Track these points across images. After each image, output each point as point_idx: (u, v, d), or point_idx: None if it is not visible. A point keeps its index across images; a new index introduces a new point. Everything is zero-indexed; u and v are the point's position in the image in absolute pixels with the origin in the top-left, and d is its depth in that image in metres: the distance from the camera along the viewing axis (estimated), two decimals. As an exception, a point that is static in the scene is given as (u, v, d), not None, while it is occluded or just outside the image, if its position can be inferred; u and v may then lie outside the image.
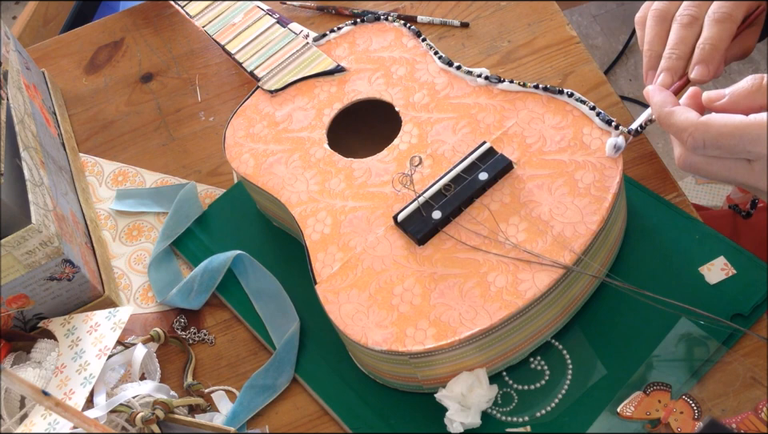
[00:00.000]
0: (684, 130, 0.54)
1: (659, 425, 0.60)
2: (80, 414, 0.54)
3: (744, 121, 0.51)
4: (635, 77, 1.78)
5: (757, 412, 0.59)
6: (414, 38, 0.76)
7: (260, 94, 0.76)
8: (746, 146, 0.51)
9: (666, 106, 0.56)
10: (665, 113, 0.56)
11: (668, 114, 0.56)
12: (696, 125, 0.53)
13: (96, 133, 0.90)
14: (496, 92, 0.70)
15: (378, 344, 0.60)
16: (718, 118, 0.52)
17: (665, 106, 0.56)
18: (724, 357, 0.62)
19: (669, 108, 0.56)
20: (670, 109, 0.56)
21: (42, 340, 0.71)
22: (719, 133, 0.52)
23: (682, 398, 0.61)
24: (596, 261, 0.62)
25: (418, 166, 0.68)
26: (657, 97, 0.57)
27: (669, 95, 0.57)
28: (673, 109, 0.56)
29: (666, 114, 0.56)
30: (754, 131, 0.51)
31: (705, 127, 0.53)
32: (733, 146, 0.52)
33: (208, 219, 0.79)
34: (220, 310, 0.75)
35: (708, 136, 0.52)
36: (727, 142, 0.52)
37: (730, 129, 0.51)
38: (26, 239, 0.65)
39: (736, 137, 0.51)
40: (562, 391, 0.63)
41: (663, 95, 0.57)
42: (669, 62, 0.61)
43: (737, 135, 0.51)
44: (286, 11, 0.93)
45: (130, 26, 0.98)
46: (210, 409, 0.69)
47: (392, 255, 0.63)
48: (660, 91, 0.58)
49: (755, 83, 0.54)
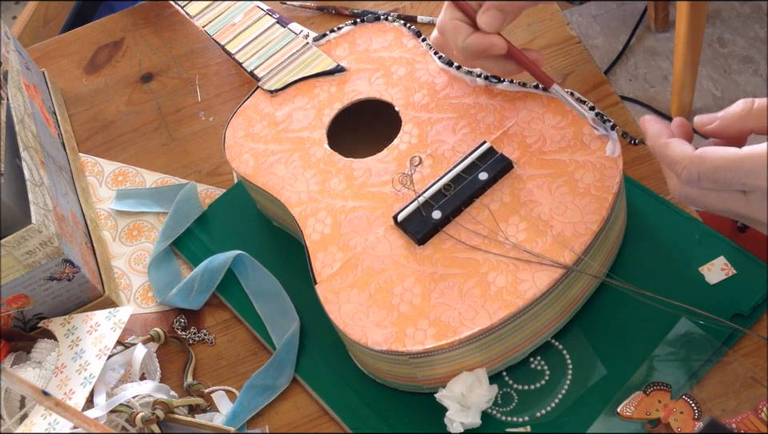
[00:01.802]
0: (679, 163, 0.54)
1: (659, 425, 0.60)
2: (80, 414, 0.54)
3: (739, 154, 0.51)
4: (635, 77, 1.78)
5: (757, 412, 0.59)
6: (413, 37, 0.76)
7: (260, 94, 0.76)
8: (742, 178, 0.51)
9: (660, 138, 0.56)
10: (660, 145, 0.56)
11: (663, 145, 0.56)
12: (691, 158, 0.53)
13: (96, 133, 0.90)
14: (496, 92, 0.70)
15: (377, 344, 0.60)
16: (712, 152, 0.52)
17: (660, 138, 0.56)
18: (724, 357, 0.62)
19: (664, 140, 0.56)
20: (665, 141, 0.56)
21: (41, 340, 0.71)
22: (714, 166, 0.52)
23: (681, 398, 0.61)
24: (596, 261, 0.62)
25: (417, 166, 0.68)
26: (652, 128, 0.57)
27: (664, 126, 0.57)
28: (668, 141, 0.56)
29: (660, 145, 0.56)
30: (749, 164, 0.51)
31: (700, 161, 0.52)
32: (728, 180, 0.52)
33: (208, 218, 0.79)
34: (220, 310, 0.75)
35: (703, 169, 0.52)
36: (722, 176, 0.52)
37: (725, 162, 0.51)
38: (26, 239, 0.65)
39: (731, 170, 0.51)
40: (562, 391, 0.63)
41: (658, 126, 0.57)
42: None
43: (732, 168, 0.51)
44: (286, 11, 0.93)
45: (130, 26, 0.98)
46: (210, 409, 0.69)
47: (392, 254, 0.63)
48: (656, 122, 0.57)
49: (746, 107, 0.54)
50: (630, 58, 1.81)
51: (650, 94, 1.75)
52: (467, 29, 0.65)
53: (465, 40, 0.64)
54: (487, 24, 0.64)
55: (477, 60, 0.66)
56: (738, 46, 1.77)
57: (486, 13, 0.64)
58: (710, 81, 1.74)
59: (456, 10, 0.66)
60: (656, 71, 1.78)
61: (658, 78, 1.77)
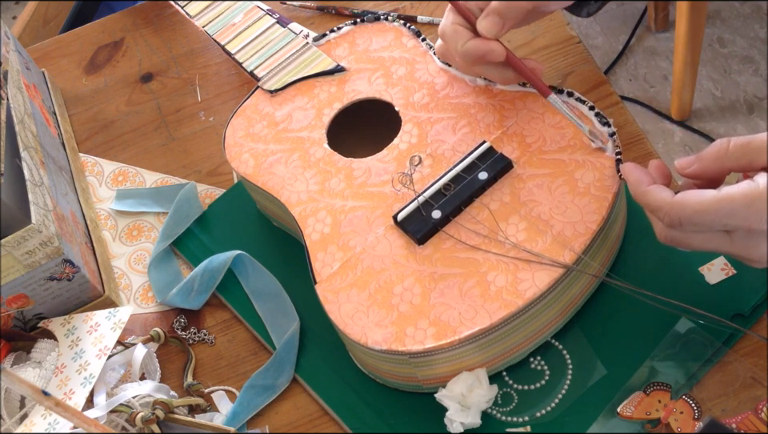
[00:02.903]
0: (659, 210, 0.55)
1: (659, 425, 0.60)
2: (80, 414, 0.54)
3: (717, 197, 0.52)
4: (635, 77, 1.78)
5: (757, 412, 0.59)
6: (413, 37, 0.76)
7: (260, 94, 0.76)
8: (722, 220, 0.52)
9: (640, 186, 0.57)
10: (640, 192, 0.57)
11: (643, 193, 0.56)
12: (671, 204, 0.54)
13: (96, 133, 0.90)
14: (496, 92, 0.70)
15: (377, 344, 0.60)
16: (691, 197, 0.53)
17: (639, 186, 0.57)
18: (724, 357, 0.62)
19: (644, 188, 0.57)
20: (645, 189, 0.57)
21: (42, 340, 0.71)
22: (694, 211, 0.53)
23: (681, 398, 0.61)
24: (596, 260, 0.62)
25: (417, 165, 0.68)
26: (632, 176, 0.58)
27: (644, 174, 0.58)
28: (647, 189, 0.56)
29: (641, 193, 0.57)
30: (727, 206, 0.51)
31: (680, 206, 0.53)
32: (709, 222, 0.52)
33: (208, 218, 0.79)
34: (220, 310, 0.75)
35: (684, 214, 0.53)
36: (703, 219, 0.52)
37: (704, 206, 0.52)
38: (26, 239, 0.65)
39: (711, 213, 0.52)
40: (562, 391, 0.63)
41: (638, 174, 0.58)
42: None
43: (711, 211, 0.52)
44: (286, 11, 0.93)
45: (130, 26, 0.98)
46: (210, 409, 0.69)
47: (392, 254, 0.63)
48: (635, 170, 0.58)
49: (721, 148, 0.54)
50: (630, 58, 1.81)
51: (649, 94, 1.75)
52: (467, 34, 0.65)
53: (464, 45, 0.64)
54: (486, 30, 0.64)
55: (476, 66, 0.66)
56: (737, 46, 1.77)
57: (485, 18, 0.64)
58: (709, 81, 1.74)
59: (457, 15, 0.66)
60: (656, 71, 1.78)
61: (658, 78, 1.77)
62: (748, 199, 0.51)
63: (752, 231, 0.52)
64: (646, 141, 0.76)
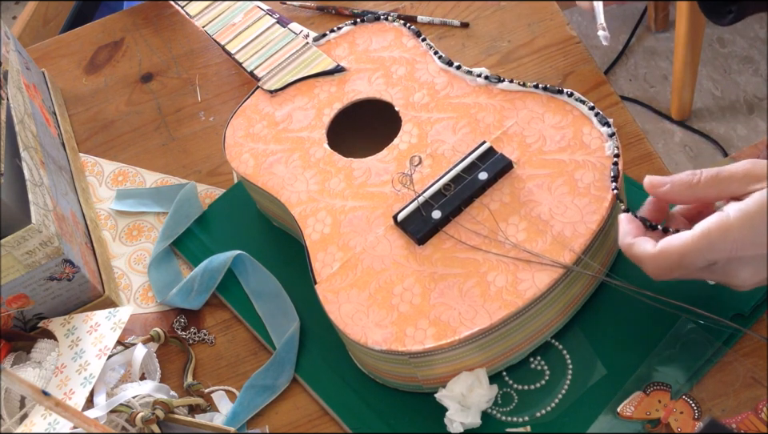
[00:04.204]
0: (643, 262, 0.56)
1: (659, 425, 0.60)
2: (80, 414, 0.54)
3: (695, 236, 0.53)
4: (635, 77, 1.78)
5: (757, 412, 0.59)
6: (413, 37, 0.76)
7: (260, 94, 0.76)
8: (705, 256, 0.53)
9: (626, 238, 0.58)
10: (625, 244, 0.58)
11: (628, 246, 0.58)
12: (654, 256, 0.55)
13: (96, 133, 0.90)
14: (496, 92, 0.70)
15: (377, 344, 0.60)
16: (671, 245, 0.54)
17: (625, 238, 0.58)
18: (724, 357, 0.62)
19: (629, 240, 0.58)
20: (630, 241, 0.57)
21: (42, 340, 0.71)
22: (678, 255, 0.54)
23: (681, 398, 0.61)
24: (596, 261, 0.62)
25: (417, 165, 0.68)
26: (621, 228, 0.59)
27: (634, 228, 0.58)
28: (632, 241, 0.57)
29: (626, 245, 0.58)
30: (705, 242, 0.53)
31: (662, 256, 0.55)
32: (694, 262, 0.54)
33: (208, 218, 0.79)
34: (220, 310, 0.75)
35: (668, 263, 0.54)
36: (688, 261, 0.54)
37: (685, 250, 0.53)
38: (26, 239, 0.65)
39: (694, 252, 0.53)
40: (562, 391, 0.63)
41: (627, 227, 0.58)
42: None
43: (695, 251, 0.53)
44: (286, 11, 0.93)
45: (130, 26, 0.98)
46: (210, 409, 0.69)
47: (392, 254, 0.63)
48: (626, 222, 0.59)
49: (693, 179, 0.56)
50: (630, 58, 1.81)
51: (649, 94, 1.75)
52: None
53: None
54: None
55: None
56: (737, 46, 1.77)
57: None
58: (709, 81, 1.74)
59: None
60: (656, 71, 1.78)
61: (658, 78, 1.77)
62: (722, 231, 0.52)
63: (730, 259, 0.53)
64: (645, 141, 0.76)
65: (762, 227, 0.52)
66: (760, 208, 0.52)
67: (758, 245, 0.52)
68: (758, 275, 0.54)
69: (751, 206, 0.52)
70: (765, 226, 0.51)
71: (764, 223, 0.52)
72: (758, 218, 0.52)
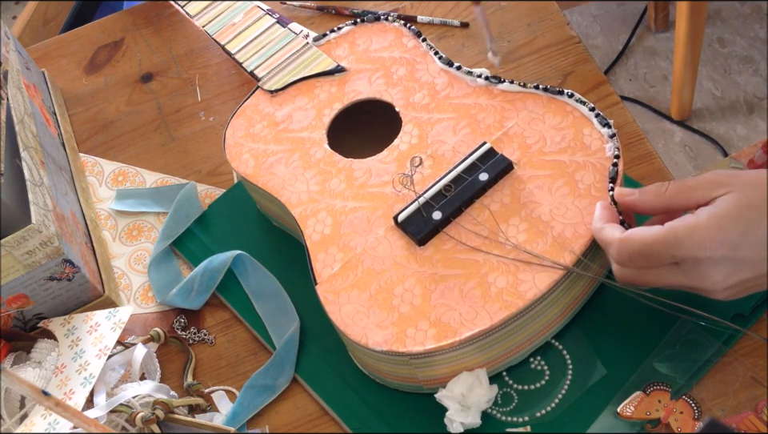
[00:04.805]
0: (610, 245, 0.57)
1: (659, 425, 0.60)
2: (80, 414, 0.54)
3: (662, 230, 0.54)
4: (635, 77, 1.78)
5: (757, 412, 0.59)
6: (414, 38, 0.76)
7: (260, 94, 0.76)
8: (669, 250, 0.54)
9: (598, 222, 0.59)
10: (596, 228, 0.59)
11: (598, 229, 0.59)
12: (620, 240, 0.56)
13: (96, 133, 0.90)
14: (496, 92, 0.70)
15: (378, 345, 0.60)
16: (638, 233, 0.55)
17: (597, 222, 0.59)
18: (724, 357, 0.62)
19: (599, 224, 0.59)
20: (600, 225, 0.59)
21: (42, 340, 0.71)
22: (642, 244, 0.55)
23: (682, 398, 0.61)
24: (596, 262, 0.62)
25: (418, 166, 0.68)
26: (596, 212, 0.60)
27: (608, 214, 0.60)
28: (602, 225, 0.59)
29: (596, 229, 0.59)
30: (671, 237, 0.54)
31: (627, 242, 0.56)
32: (657, 254, 0.55)
33: (208, 218, 0.79)
34: (220, 310, 0.75)
35: (632, 249, 0.55)
36: (650, 252, 0.55)
37: (650, 239, 0.54)
38: (26, 239, 0.65)
39: (657, 245, 0.54)
40: (562, 391, 0.63)
41: (601, 212, 0.60)
42: None
43: (658, 243, 0.54)
44: (286, 11, 0.93)
45: (130, 26, 0.98)
46: (210, 409, 0.69)
47: (392, 255, 0.63)
48: (603, 208, 0.60)
49: (659, 190, 0.58)
50: (630, 58, 1.81)
51: (649, 94, 1.75)
52: None
53: None
54: None
55: None
56: (737, 46, 1.77)
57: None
58: (709, 81, 1.74)
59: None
60: (656, 71, 1.78)
61: (658, 78, 1.77)
62: (690, 229, 0.53)
63: (698, 259, 0.53)
64: (645, 141, 0.76)
65: (732, 227, 0.52)
66: (729, 209, 0.53)
67: (726, 245, 0.52)
68: (730, 278, 0.54)
69: (720, 207, 0.53)
70: (734, 226, 0.52)
71: (733, 224, 0.52)
72: (727, 218, 0.53)
